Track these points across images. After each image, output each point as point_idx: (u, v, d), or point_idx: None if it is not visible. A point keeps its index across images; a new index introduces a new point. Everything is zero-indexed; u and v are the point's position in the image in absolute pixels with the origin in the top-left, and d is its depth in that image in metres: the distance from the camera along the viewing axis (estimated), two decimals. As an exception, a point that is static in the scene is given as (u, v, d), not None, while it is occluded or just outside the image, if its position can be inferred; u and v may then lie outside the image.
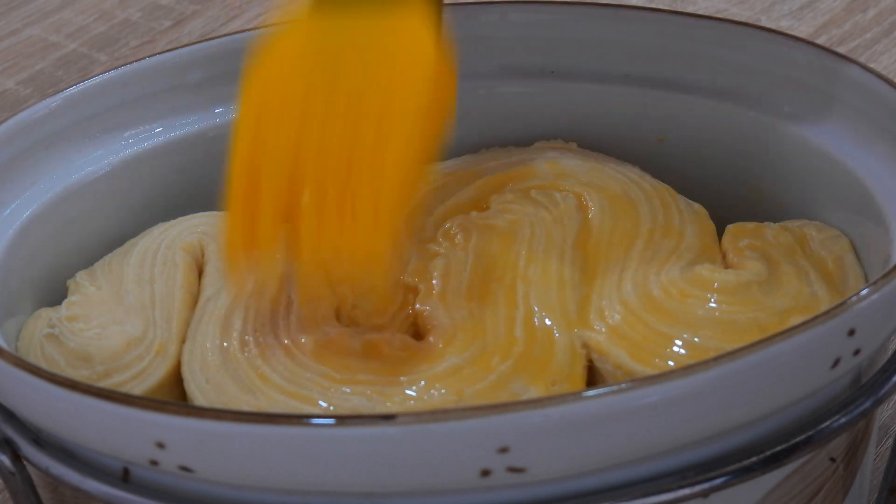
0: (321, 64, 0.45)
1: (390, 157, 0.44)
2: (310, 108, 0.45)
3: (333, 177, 0.44)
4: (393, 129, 0.44)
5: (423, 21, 0.45)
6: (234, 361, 0.45)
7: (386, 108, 0.44)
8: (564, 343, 0.46)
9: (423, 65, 0.45)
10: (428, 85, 0.44)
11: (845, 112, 0.51)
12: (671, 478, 0.39)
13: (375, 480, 0.38)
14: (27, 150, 0.51)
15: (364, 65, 0.45)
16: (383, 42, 0.45)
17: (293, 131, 0.45)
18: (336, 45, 0.45)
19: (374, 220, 0.44)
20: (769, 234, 0.50)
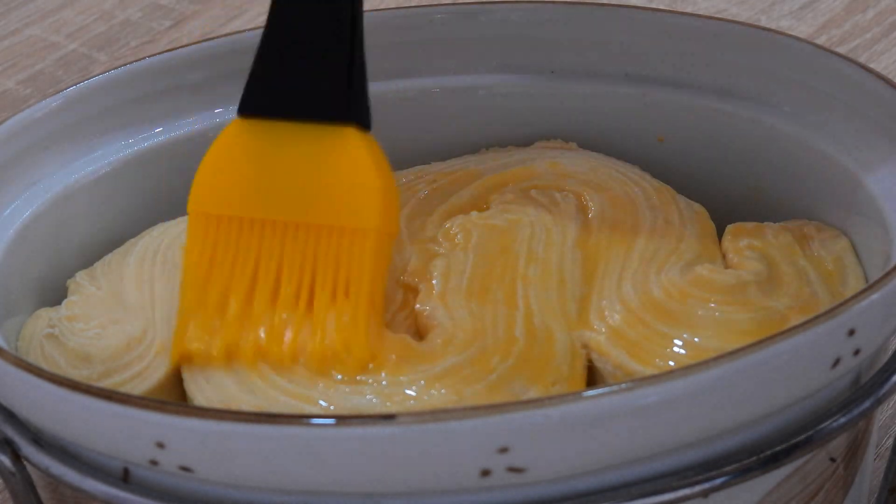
0: (267, 172, 0.46)
1: (357, 275, 0.45)
2: (262, 216, 0.46)
3: (291, 283, 0.45)
4: (355, 248, 0.45)
5: (359, 142, 0.46)
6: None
7: (342, 224, 0.45)
8: (564, 343, 0.46)
9: (371, 187, 0.45)
10: (378, 207, 0.45)
11: (845, 112, 0.51)
12: (671, 478, 0.39)
13: (375, 480, 0.38)
14: (27, 150, 0.51)
15: (310, 180, 0.45)
16: (326, 160, 0.45)
17: (253, 241, 0.46)
18: (277, 155, 0.46)
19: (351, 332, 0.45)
20: (769, 234, 0.50)
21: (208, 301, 0.45)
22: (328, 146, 0.45)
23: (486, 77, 0.56)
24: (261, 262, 0.45)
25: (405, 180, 0.54)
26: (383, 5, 0.86)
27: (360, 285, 0.45)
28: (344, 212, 0.45)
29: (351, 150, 0.45)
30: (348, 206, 0.45)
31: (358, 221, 0.45)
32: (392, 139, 0.57)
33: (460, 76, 0.57)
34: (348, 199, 0.45)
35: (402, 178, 0.54)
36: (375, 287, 0.45)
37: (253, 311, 0.45)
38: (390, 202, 0.46)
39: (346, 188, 0.45)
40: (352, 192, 0.45)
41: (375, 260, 0.45)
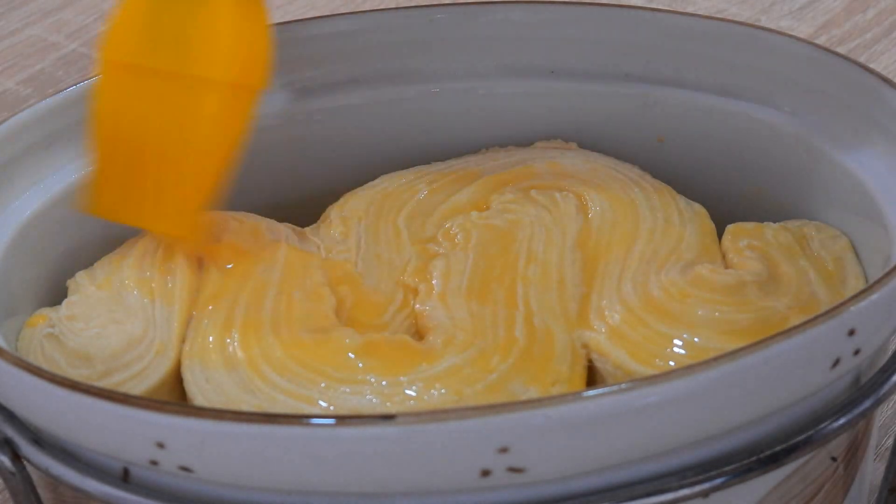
0: (151, 40, 0.48)
1: (192, 154, 0.47)
2: (150, 69, 0.48)
3: (150, 154, 0.48)
4: (194, 130, 0.47)
5: (228, 14, 0.47)
6: (234, 361, 0.45)
7: (190, 103, 0.47)
8: (564, 343, 0.46)
9: (224, 41, 0.47)
10: (223, 71, 0.47)
11: (845, 112, 0.51)
12: (671, 478, 0.39)
13: (375, 480, 0.38)
14: (27, 150, 0.51)
15: (177, 48, 0.47)
16: (193, 29, 0.47)
17: (143, 91, 0.48)
18: (162, 25, 0.48)
19: (176, 206, 0.48)
20: (769, 234, 0.50)
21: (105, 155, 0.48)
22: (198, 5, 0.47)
23: (486, 77, 0.56)
24: (150, 112, 0.48)
25: (405, 180, 0.54)
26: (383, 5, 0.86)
27: (200, 145, 0.47)
28: (196, 59, 0.47)
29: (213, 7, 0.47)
30: (201, 53, 0.47)
31: (205, 70, 0.47)
32: (392, 139, 0.57)
33: (460, 76, 0.57)
34: (203, 49, 0.47)
35: (403, 178, 0.54)
36: (219, 147, 0.47)
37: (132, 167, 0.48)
38: (248, 53, 0.47)
39: (203, 36, 0.47)
40: (205, 40, 0.47)
41: (219, 115, 0.47)
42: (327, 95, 0.56)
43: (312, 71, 0.56)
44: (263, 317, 0.47)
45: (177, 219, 0.48)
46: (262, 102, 0.56)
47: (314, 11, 0.87)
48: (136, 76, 0.48)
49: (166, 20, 0.47)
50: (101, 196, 0.49)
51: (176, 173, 0.47)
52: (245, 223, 0.51)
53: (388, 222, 0.52)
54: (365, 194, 0.53)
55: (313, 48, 0.56)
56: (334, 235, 0.52)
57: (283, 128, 0.56)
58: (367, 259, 0.50)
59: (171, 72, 0.47)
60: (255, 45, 0.48)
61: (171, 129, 0.47)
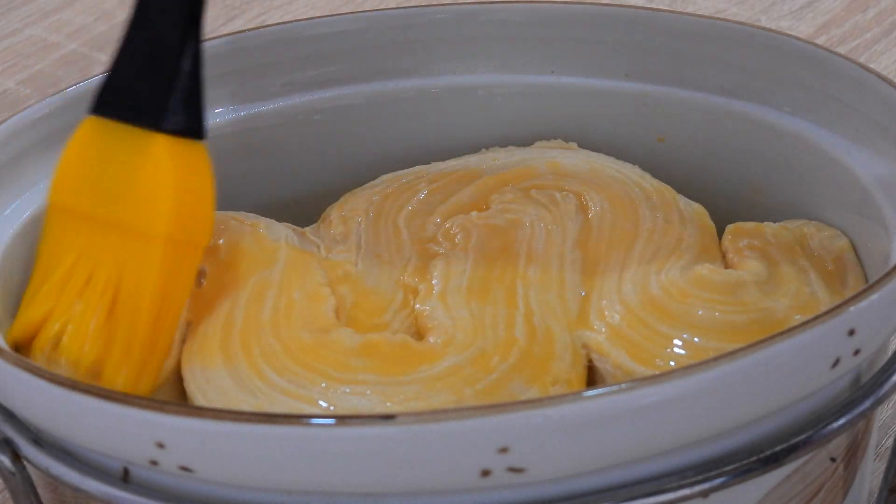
0: (93, 171, 0.47)
1: (136, 286, 0.46)
2: (86, 214, 0.47)
3: (92, 290, 0.46)
4: (138, 255, 0.46)
5: (163, 149, 0.46)
6: (234, 361, 0.45)
7: (135, 239, 0.46)
8: (564, 343, 0.46)
9: (163, 194, 0.46)
10: (164, 216, 0.46)
11: (845, 112, 0.51)
12: (671, 478, 0.39)
13: (375, 480, 0.38)
14: (27, 150, 0.51)
15: (117, 182, 0.47)
16: (132, 163, 0.46)
17: (78, 236, 0.47)
18: (103, 156, 0.47)
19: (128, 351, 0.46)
20: (769, 234, 0.50)
21: (34, 287, 0.47)
22: (140, 150, 0.46)
23: (486, 77, 0.56)
24: (80, 258, 0.47)
25: (405, 180, 0.54)
26: (383, 5, 0.86)
27: (139, 297, 0.45)
28: (136, 214, 0.46)
29: (152, 156, 0.46)
30: (141, 209, 0.46)
31: (145, 226, 0.46)
32: (392, 139, 0.57)
33: (460, 76, 0.57)
34: (142, 203, 0.46)
35: (403, 178, 0.54)
36: (158, 299, 0.46)
37: (56, 306, 0.46)
38: (189, 211, 0.46)
39: (143, 192, 0.46)
40: (145, 196, 0.46)
41: (160, 270, 0.46)
42: (327, 95, 0.56)
43: (312, 71, 0.56)
44: (263, 317, 0.47)
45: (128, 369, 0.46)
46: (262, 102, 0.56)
47: (314, 11, 0.87)
48: (81, 221, 0.47)
49: (110, 169, 0.47)
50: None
51: (121, 322, 0.46)
52: (245, 223, 0.51)
53: (388, 222, 0.52)
54: (365, 194, 0.53)
55: (313, 48, 0.56)
56: (334, 235, 0.51)
57: (282, 128, 0.56)
58: (367, 259, 0.50)
59: (115, 222, 0.46)
60: (197, 201, 0.47)
61: (113, 278, 0.46)
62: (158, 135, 0.46)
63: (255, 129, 0.56)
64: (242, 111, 0.56)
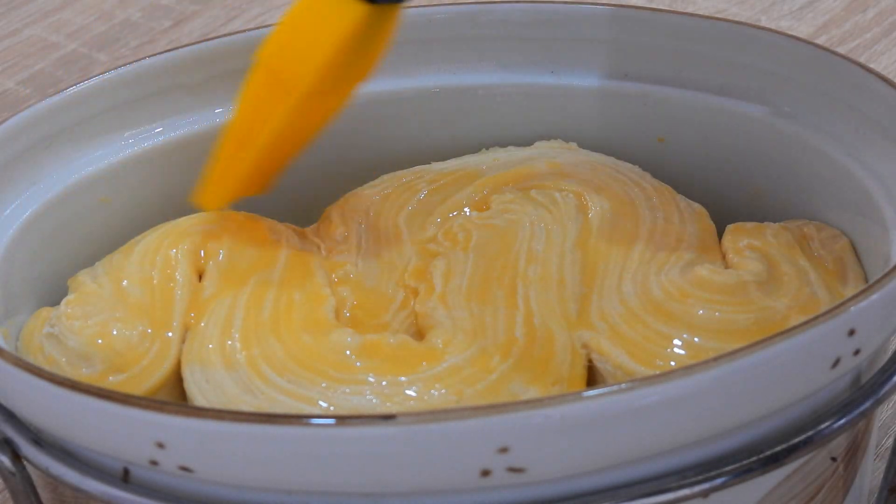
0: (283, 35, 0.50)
1: (265, 128, 0.49)
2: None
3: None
4: (279, 104, 0.49)
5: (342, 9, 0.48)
6: (234, 361, 0.45)
7: (285, 78, 0.49)
8: (564, 343, 0.46)
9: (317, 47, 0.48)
10: (321, 66, 0.48)
11: (845, 112, 0.51)
12: (671, 478, 0.39)
13: (375, 480, 0.38)
14: (27, 150, 0.51)
15: (293, 34, 0.49)
16: (314, 16, 0.48)
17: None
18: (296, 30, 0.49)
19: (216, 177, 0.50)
20: (769, 234, 0.50)
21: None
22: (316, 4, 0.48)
23: (486, 77, 0.56)
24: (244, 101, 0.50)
25: (405, 180, 0.54)
26: (383, 5, 0.86)
27: (260, 134, 0.49)
28: (290, 59, 0.48)
29: (331, 10, 0.48)
30: (298, 56, 0.48)
31: (292, 71, 0.48)
32: (392, 139, 0.57)
33: (460, 76, 0.57)
34: (301, 51, 0.48)
35: (403, 178, 0.54)
36: (269, 143, 0.49)
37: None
38: (341, 71, 0.48)
39: (307, 41, 0.48)
40: (307, 44, 0.48)
41: (291, 112, 0.48)
42: (327, 95, 0.56)
43: (312, 71, 0.56)
44: (263, 317, 0.47)
45: (214, 192, 0.50)
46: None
47: (314, 11, 0.87)
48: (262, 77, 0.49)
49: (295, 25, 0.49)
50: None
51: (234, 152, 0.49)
52: (245, 223, 0.51)
53: (388, 222, 0.52)
54: (365, 194, 0.53)
55: (313, 48, 0.56)
56: (335, 236, 0.51)
57: (283, 128, 0.56)
58: (367, 259, 0.50)
59: (269, 68, 0.49)
60: (354, 63, 0.49)
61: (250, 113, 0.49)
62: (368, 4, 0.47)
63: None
64: (242, 111, 0.56)
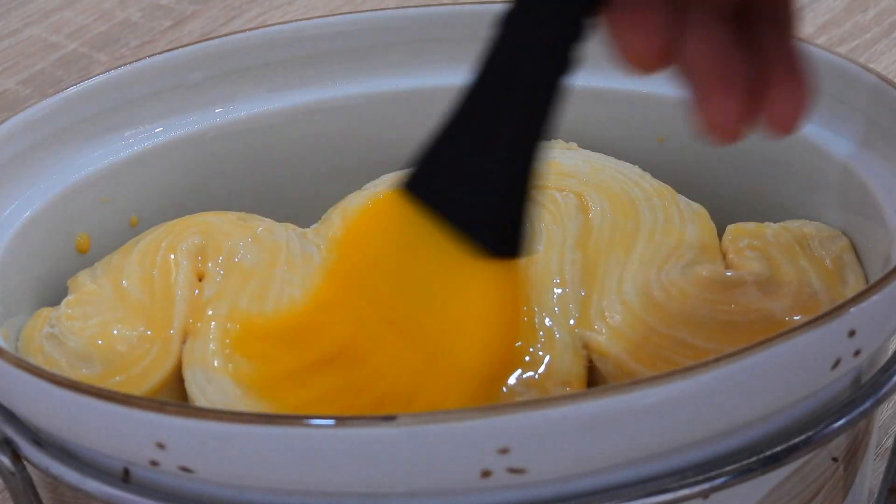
0: (403, 255, 0.41)
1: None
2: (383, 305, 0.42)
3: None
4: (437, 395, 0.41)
5: (489, 277, 0.41)
6: (234, 362, 0.45)
7: (440, 361, 0.41)
8: (564, 343, 0.46)
9: (485, 331, 0.41)
10: (478, 364, 0.41)
11: (845, 112, 0.51)
12: (671, 478, 0.39)
13: (375, 480, 0.38)
14: (27, 150, 0.51)
15: (434, 286, 0.41)
16: (459, 276, 0.40)
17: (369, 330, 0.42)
18: (419, 243, 0.41)
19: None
20: (769, 234, 0.50)
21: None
22: (466, 267, 0.40)
23: (486, 77, 0.56)
24: (353, 337, 0.42)
25: (405, 180, 0.54)
26: (383, 5, 0.86)
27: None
28: (449, 338, 0.41)
29: (483, 282, 0.40)
30: (457, 334, 0.41)
31: (457, 354, 0.41)
32: (392, 139, 0.57)
33: (460, 76, 0.56)
34: (459, 329, 0.41)
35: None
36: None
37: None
38: (501, 345, 0.41)
39: (462, 317, 0.41)
40: (465, 324, 0.41)
41: (457, 402, 0.40)
42: (327, 95, 0.56)
43: (312, 71, 0.56)
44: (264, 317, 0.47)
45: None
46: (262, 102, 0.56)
47: (314, 11, 0.87)
48: (363, 301, 0.41)
49: (417, 265, 0.40)
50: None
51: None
52: (246, 223, 0.51)
53: (388, 222, 0.52)
54: (365, 194, 0.53)
55: (313, 48, 0.56)
56: (335, 235, 0.51)
57: (283, 128, 0.56)
58: (367, 259, 0.50)
59: (417, 331, 0.41)
60: (509, 333, 0.41)
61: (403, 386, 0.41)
62: (489, 258, 0.40)
63: (255, 129, 0.56)
64: (243, 111, 0.56)
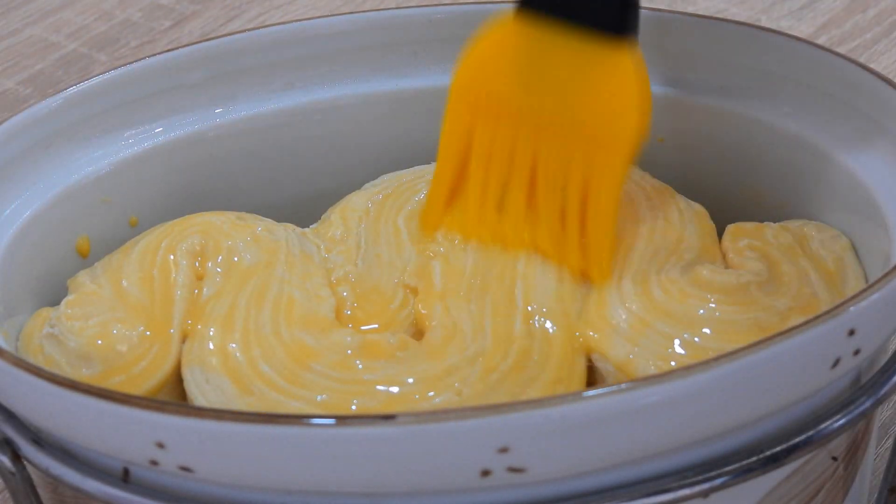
0: (533, 68, 0.46)
1: (604, 191, 0.47)
2: (523, 109, 0.47)
3: (547, 186, 0.47)
4: (606, 162, 0.47)
5: (626, 59, 0.46)
6: (234, 361, 0.45)
7: (598, 136, 0.46)
8: (564, 343, 0.46)
9: (632, 104, 0.46)
10: (635, 126, 0.46)
11: (845, 112, 0.51)
12: (671, 478, 0.39)
13: (375, 480, 0.38)
14: (27, 150, 0.51)
15: (574, 85, 0.46)
16: (593, 68, 0.46)
17: (510, 130, 0.47)
18: (545, 55, 0.46)
19: (595, 249, 0.47)
20: (769, 234, 0.50)
21: (463, 185, 0.48)
22: (597, 56, 0.46)
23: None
24: (515, 158, 0.47)
25: (405, 180, 0.54)
26: (383, 5, 0.86)
27: (607, 201, 0.47)
28: (600, 125, 0.46)
29: (617, 65, 0.46)
30: (605, 120, 0.46)
31: (612, 139, 0.46)
32: (392, 139, 0.57)
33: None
34: (605, 114, 0.46)
35: (403, 178, 0.54)
36: (617, 202, 0.47)
37: (505, 205, 0.47)
38: (644, 120, 0.47)
39: (605, 101, 0.46)
40: (609, 106, 0.46)
41: (621, 178, 0.47)
42: (327, 95, 0.56)
43: (312, 71, 0.56)
44: (263, 317, 0.47)
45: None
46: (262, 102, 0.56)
47: (314, 11, 0.87)
48: (497, 117, 0.47)
49: (554, 68, 0.46)
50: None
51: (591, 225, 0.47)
52: (245, 223, 0.51)
53: (388, 222, 0.52)
54: (365, 194, 0.53)
55: (313, 48, 0.56)
56: (334, 235, 0.52)
57: (283, 128, 0.56)
58: (367, 259, 0.50)
59: (569, 126, 0.46)
60: (647, 108, 0.47)
61: (568, 179, 0.47)
62: (618, 42, 0.46)
63: (255, 129, 0.56)
64: (242, 111, 0.56)
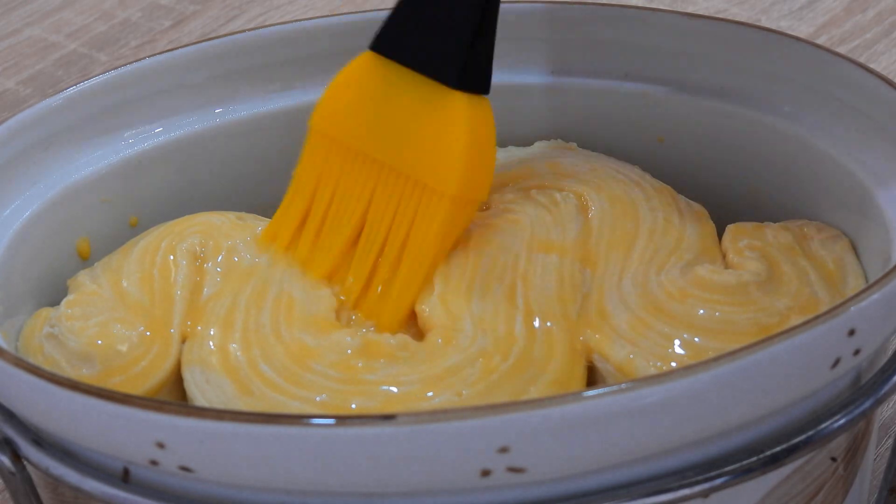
0: (379, 110, 0.48)
1: (421, 238, 0.48)
2: (367, 150, 0.48)
3: (371, 228, 0.48)
4: (428, 211, 0.47)
5: (460, 108, 0.47)
6: (234, 361, 0.45)
7: (426, 183, 0.47)
8: (564, 343, 0.46)
9: (459, 156, 0.47)
10: (458, 178, 0.47)
11: (845, 112, 0.51)
12: (671, 478, 0.39)
13: (375, 480, 0.38)
14: (27, 150, 0.51)
15: (412, 129, 0.47)
16: (430, 116, 0.47)
17: (354, 169, 0.48)
18: (392, 97, 0.48)
19: (394, 299, 0.48)
20: (769, 234, 0.50)
21: (296, 214, 0.49)
22: (434, 103, 0.47)
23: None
24: (352, 197, 0.48)
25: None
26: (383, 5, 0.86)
27: (424, 251, 0.47)
28: (429, 169, 0.47)
29: (450, 112, 0.47)
30: (434, 165, 0.47)
31: (437, 183, 0.47)
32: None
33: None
34: (435, 159, 0.47)
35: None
36: (438, 253, 0.47)
37: (326, 242, 0.48)
38: (477, 170, 0.47)
39: (436, 147, 0.47)
40: (439, 152, 0.47)
41: (445, 225, 0.47)
42: (327, 95, 0.56)
43: (312, 71, 0.56)
44: (263, 317, 0.47)
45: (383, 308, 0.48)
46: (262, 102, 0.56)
47: (314, 11, 0.87)
48: (347, 154, 0.48)
49: (393, 113, 0.47)
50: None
51: (403, 268, 0.48)
52: (245, 223, 0.51)
53: (388, 222, 0.52)
54: (365, 194, 0.53)
55: (313, 48, 0.56)
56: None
57: (283, 128, 0.56)
58: (367, 259, 0.50)
59: (398, 168, 0.47)
60: (484, 159, 0.48)
61: (393, 221, 0.48)
62: (456, 92, 0.46)
63: (256, 130, 0.56)
64: (242, 111, 0.56)
